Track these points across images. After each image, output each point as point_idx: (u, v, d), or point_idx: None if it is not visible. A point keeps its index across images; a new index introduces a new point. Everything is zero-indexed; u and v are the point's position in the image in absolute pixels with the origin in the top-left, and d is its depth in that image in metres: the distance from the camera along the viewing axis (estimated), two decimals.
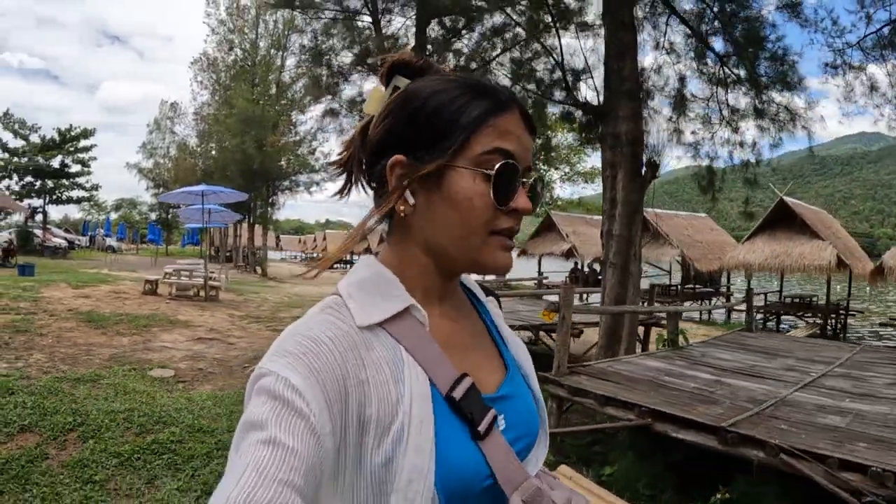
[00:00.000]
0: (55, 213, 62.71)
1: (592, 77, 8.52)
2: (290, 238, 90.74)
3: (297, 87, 28.67)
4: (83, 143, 33.50)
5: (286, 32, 28.73)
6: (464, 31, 10.06)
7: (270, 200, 32.18)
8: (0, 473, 3.78)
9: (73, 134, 32.98)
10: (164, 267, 18.75)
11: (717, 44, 9.93)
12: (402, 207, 0.76)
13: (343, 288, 0.78)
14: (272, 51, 30.16)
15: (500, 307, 1.02)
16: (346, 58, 10.10)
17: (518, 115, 0.76)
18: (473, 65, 9.38)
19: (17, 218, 31.93)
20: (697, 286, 22.25)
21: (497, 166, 0.73)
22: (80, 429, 4.72)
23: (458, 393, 0.72)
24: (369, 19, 10.41)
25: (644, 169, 7.44)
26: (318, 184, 30.24)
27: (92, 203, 45.88)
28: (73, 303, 12.01)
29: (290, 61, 28.97)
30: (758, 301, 20.63)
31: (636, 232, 7.45)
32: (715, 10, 9.29)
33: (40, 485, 3.68)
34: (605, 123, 7.58)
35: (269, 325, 11.89)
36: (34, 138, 31.98)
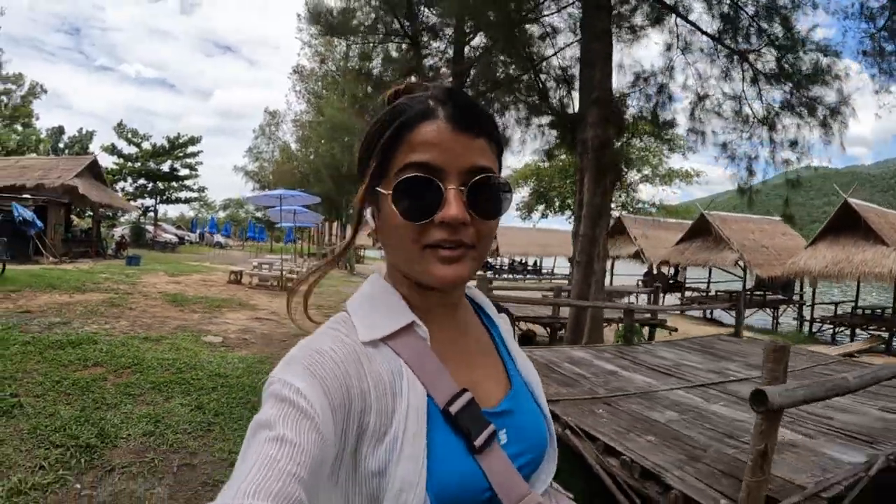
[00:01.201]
0: (173, 211, 68.95)
1: (569, 86, 9.60)
2: None
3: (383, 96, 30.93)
4: (190, 149, 37.66)
5: (374, 44, 30.91)
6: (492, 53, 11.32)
7: None
8: (73, 385, 5.64)
9: (181, 141, 37.26)
10: (252, 261, 21.28)
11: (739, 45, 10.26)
12: (367, 232, 0.85)
13: (350, 305, 0.85)
14: (360, 62, 32.46)
15: (513, 324, 1.06)
16: (388, 78, 11.68)
17: (442, 120, 0.76)
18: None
19: (132, 216, 36.25)
20: (768, 293, 21.86)
21: (394, 184, 0.75)
22: (134, 367, 6.55)
23: (454, 407, 0.76)
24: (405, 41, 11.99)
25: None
26: None
27: (202, 203, 50.41)
28: (165, 287, 14.39)
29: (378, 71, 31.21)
30: (825, 311, 20.41)
31: (600, 233, 8.31)
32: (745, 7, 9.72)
33: (95, 392, 5.50)
34: (578, 130, 8.56)
35: (328, 313, 13.71)
36: (146, 145, 36.40)
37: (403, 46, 12.72)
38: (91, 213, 24.92)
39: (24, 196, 18.80)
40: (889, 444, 3.96)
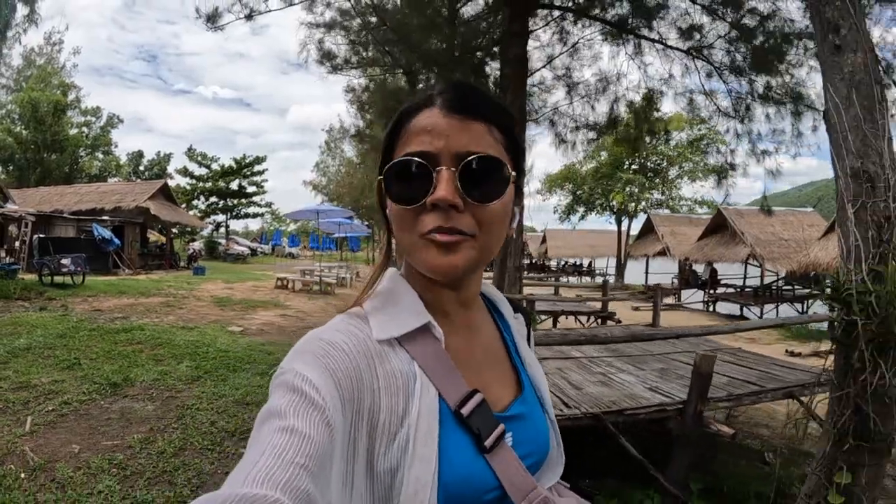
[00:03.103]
0: (253, 225, 74.02)
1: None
2: None
3: None
4: (257, 168, 41.52)
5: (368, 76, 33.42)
6: None
7: None
8: (118, 354, 8.17)
9: (247, 161, 41.10)
10: (297, 269, 24.07)
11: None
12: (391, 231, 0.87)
13: (366, 300, 0.87)
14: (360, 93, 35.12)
15: (529, 326, 1.08)
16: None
17: (436, 108, 0.79)
18: None
19: (207, 231, 40.49)
20: (797, 287, 21.57)
21: (384, 171, 0.80)
22: (166, 344, 9.04)
23: (466, 409, 0.78)
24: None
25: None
26: None
27: (273, 216, 54.45)
28: (218, 292, 17.17)
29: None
30: None
31: (511, 235, 9.88)
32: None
33: (131, 358, 8.01)
34: None
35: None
36: (215, 166, 40.55)
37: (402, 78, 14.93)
38: (164, 230, 28.54)
39: (104, 218, 22.31)
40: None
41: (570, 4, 11.35)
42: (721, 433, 4.79)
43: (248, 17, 11.16)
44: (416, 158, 0.76)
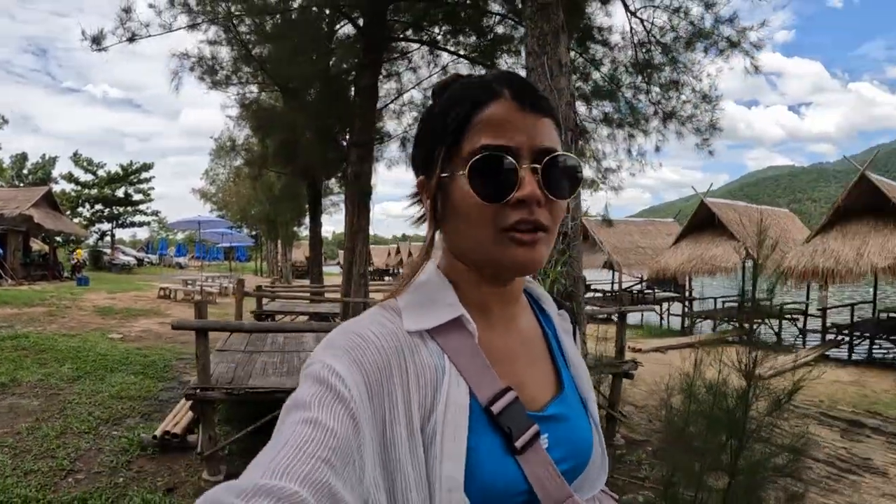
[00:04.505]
0: (142, 234, 71.76)
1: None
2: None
3: None
4: (144, 175, 41.07)
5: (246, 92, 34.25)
6: None
7: (297, 221, 37.81)
8: (4, 358, 9.08)
9: (134, 168, 40.65)
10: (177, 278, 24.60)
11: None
12: (428, 229, 0.84)
13: (401, 293, 0.84)
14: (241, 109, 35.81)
15: (575, 323, 1.04)
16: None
17: (508, 99, 0.77)
18: None
19: (91, 240, 39.59)
20: (657, 290, 23.25)
21: (469, 163, 0.75)
22: (49, 350, 9.97)
23: (497, 406, 0.75)
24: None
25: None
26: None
27: (160, 225, 53.48)
28: (100, 302, 17.69)
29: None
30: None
31: (359, 244, 11.31)
32: None
33: (17, 363, 8.95)
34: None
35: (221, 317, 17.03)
36: (101, 173, 39.86)
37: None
38: (48, 240, 28.12)
39: None
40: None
41: (425, 38, 12.82)
42: None
43: (131, 40, 11.77)
44: (502, 154, 0.74)
